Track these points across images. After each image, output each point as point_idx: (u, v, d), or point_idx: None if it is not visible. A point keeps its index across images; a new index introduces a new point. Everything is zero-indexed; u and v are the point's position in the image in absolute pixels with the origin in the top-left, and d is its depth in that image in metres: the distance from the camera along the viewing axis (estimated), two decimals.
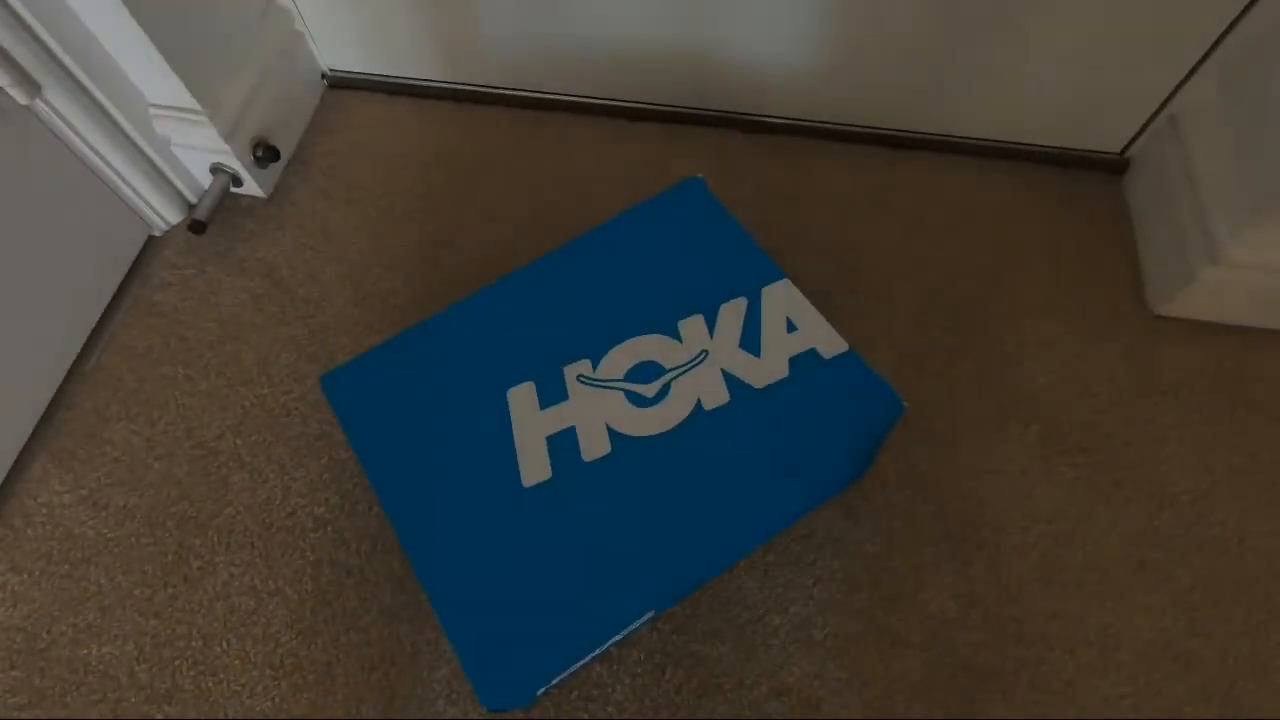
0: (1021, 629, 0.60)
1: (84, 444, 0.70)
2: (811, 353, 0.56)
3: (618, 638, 0.58)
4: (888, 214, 0.80)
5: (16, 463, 0.69)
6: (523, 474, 0.54)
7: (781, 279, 0.59)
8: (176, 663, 0.62)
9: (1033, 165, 0.82)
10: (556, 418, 0.55)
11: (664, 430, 0.54)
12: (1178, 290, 0.70)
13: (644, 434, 0.54)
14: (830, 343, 0.56)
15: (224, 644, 0.62)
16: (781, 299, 0.59)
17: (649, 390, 0.56)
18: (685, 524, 0.52)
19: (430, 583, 0.51)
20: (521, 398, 0.56)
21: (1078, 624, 0.60)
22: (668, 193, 0.64)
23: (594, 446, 0.54)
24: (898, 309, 0.74)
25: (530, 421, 0.55)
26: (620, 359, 0.57)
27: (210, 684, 0.61)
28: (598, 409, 0.55)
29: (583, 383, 0.56)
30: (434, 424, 0.56)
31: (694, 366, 0.57)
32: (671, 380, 0.56)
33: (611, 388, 0.56)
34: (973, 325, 0.73)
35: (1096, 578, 0.62)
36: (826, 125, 0.83)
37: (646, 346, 0.58)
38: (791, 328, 0.57)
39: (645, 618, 0.58)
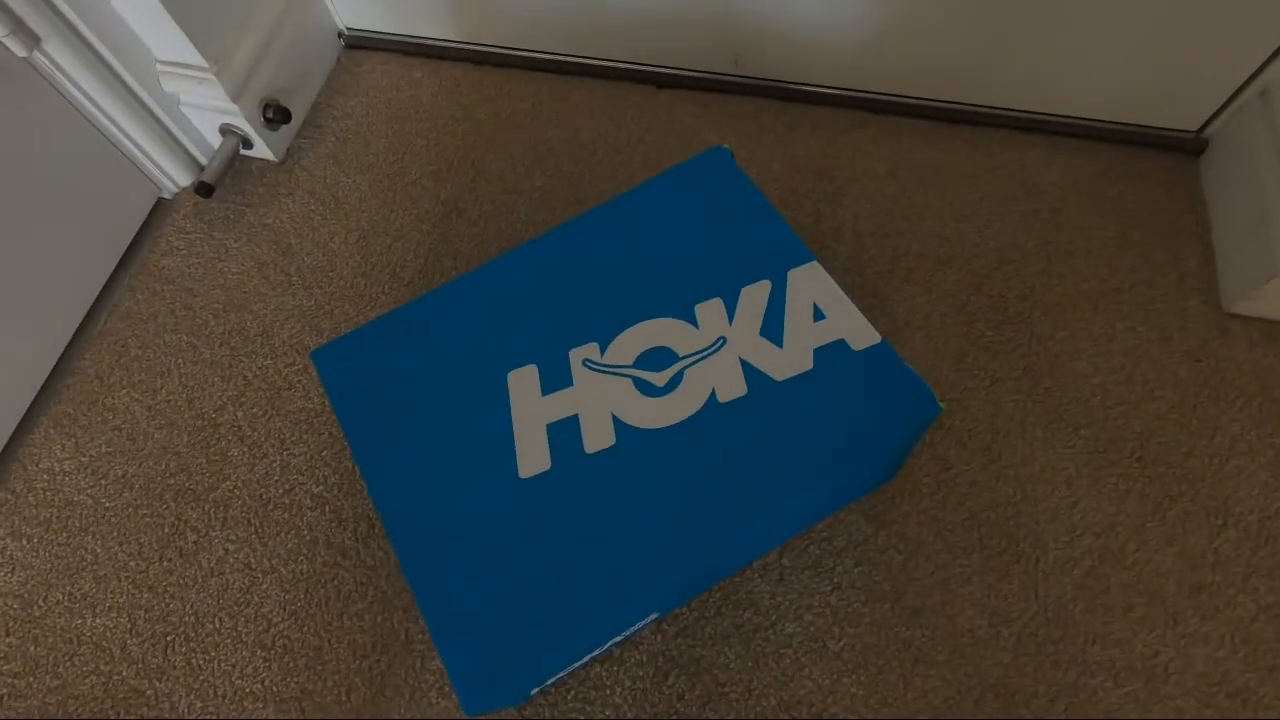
0: (1059, 652, 0.55)
1: (86, 410, 0.69)
2: (840, 344, 0.51)
3: (618, 639, 0.54)
4: (932, 194, 0.74)
5: (19, 427, 0.68)
6: (520, 464, 0.50)
7: (810, 261, 0.54)
8: (168, 638, 0.60)
9: (1096, 144, 0.75)
10: (559, 404, 0.52)
11: (674, 423, 0.50)
12: (1256, 286, 0.63)
13: (652, 426, 0.50)
14: (861, 334, 0.51)
15: (216, 621, 0.61)
16: (809, 284, 0.53)
17: (660, 379, 0.52)
18: (693, 523, 0.48)
19: (414, 573, 0.48)
20: (522, 381, 0.53)
21: (1123, 650, 0.55)
22: (690, 162, 0.59)
23: (598, 437, 0.50)
24: (938, 298, 0.69)
25: (531, 407, 0.52)
26: (630, 344, 0.53)
27: (200, 661, 0.59)
28: (604, 397, 0.52)
29: (589, 368, 0.52)
30: (428, 405, 0.53)
31: (710, 355, 0.52)
32: (685, 369, 0.52)
33: (619, 374, 0.52)
34: (1020, 317, 0.67)
35: (1146, 600, 0.57)
36: (869, 95, 0.77)
37: (659, 331, 0.53)
38: (819, 316, 0.52)
39: (647, 619, 0.54)
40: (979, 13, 0.66)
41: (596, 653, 0.54)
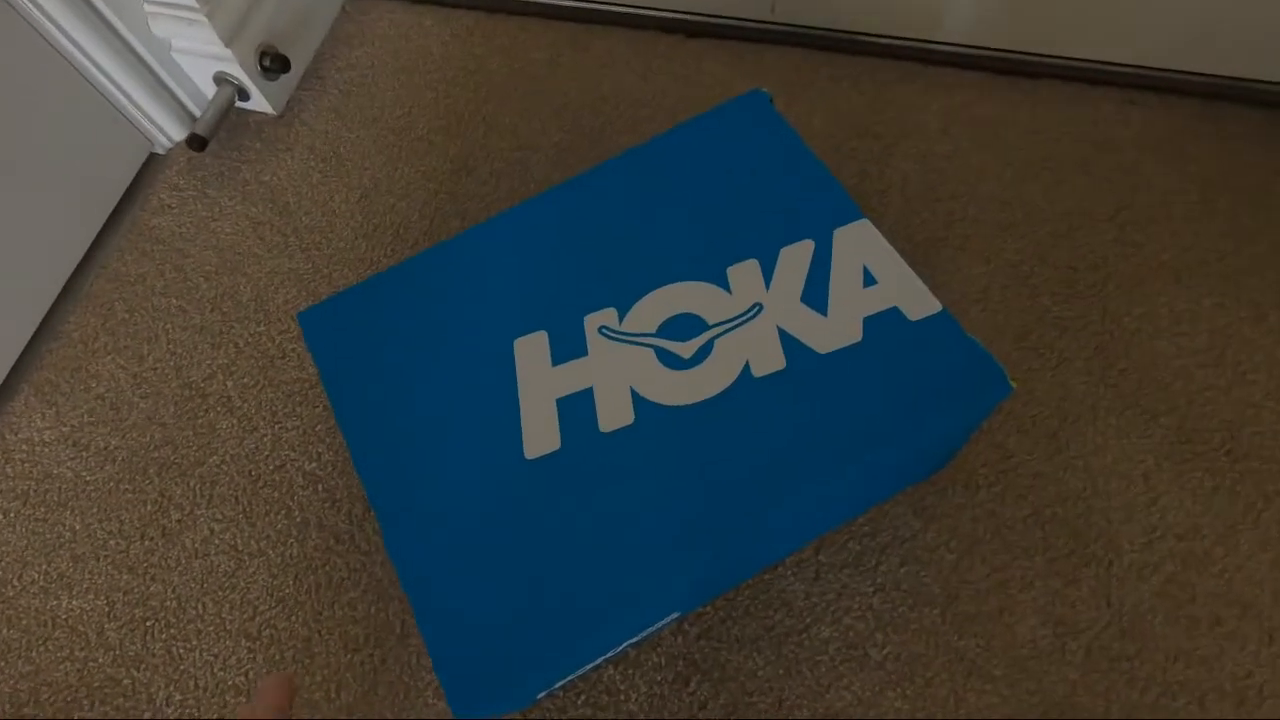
0: (1135, 670, 0.49)
1: (69, 378, 0.65)
2: (893, 312, 0.44)
3: (633, 641, 0.49)
4: (994, 154, 0.66)
5: None
6: (526, 442, 0.44)
7: (860, 219, 0.47)
8: (148, 623, 0.56)
9: (1177, 98, 0.67)
10: (571, 376, 0.46)
11: (701, 399, 0.44)
12: None
13: (676, 402, 0.44)
14: (919, 301, 0.44)
15: (199, 607, 0.56)
16: (858, 244, 0.47)
17: (686, 350, 0.45)
18: (720, 513, 0.42)
19: (402, 559, 0.43)
20: (531, 350, 0.47)
21: (1209, 669, 0.48)
22: (724, 106, 0.52)
23: (614, 414, 0.44)
24: (998, 268, 0.61)
25: (539, 379, 0.46)
26: (653, 309, 0.47)
27: (181, 650, 0.55)
28: (621, 368, 0.45)
29: (606, 336, 0.46)
30: (425, 374, 0.47)
31: (744, 323, 0.46)
32: (715, 338, 0.45)
33: (640, 344, 0.46)
34: (1091, 291, 0.60)
35: (1237, 614, 0.49)
36: (920, 44, 0.69)
37: (686, 296, 0.47)
38: (869, 281, 0.46)
39: (667, 619, 0.48)
40: None
41: (609, 655, 0.48)
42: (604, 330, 0.47)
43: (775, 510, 0.42)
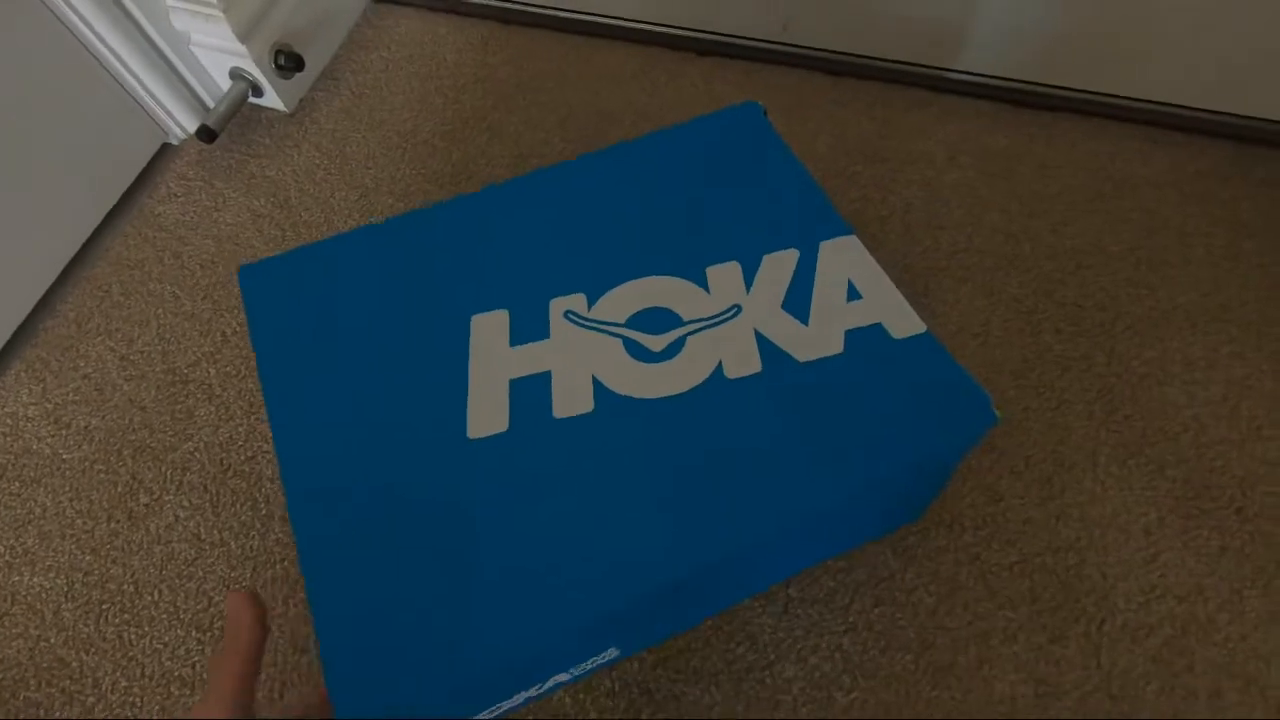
0: None
1: (59, 355, 0.65)
2: (877, 329, 0.42)
3: (562, 679, 0.44)
4: (999, 185, 0.64)
5: None
6: (471, 421, 0.40)
7: (847, 234, 0.45)
8: (104, 606, 0.55)
9: (1205, 139, 0.64)
10: (529, 358, 0.42)
11: (668, 394, 0.41)
12: None
13: (641, 395, 0.41)
14: (903, 320, 0.42)
15: (155, 594, 0.55)
16: (844, 258, 0.45)
17: (656, 343, 0.42)
18: (679, 521, 0.37)
19: (306, 537, 0.38)
20: (488, 327, 0.43)
21: None
22: (718, 113, 0.51)
23: (571, 400, 0.40)
24: (1000, 302, 0.59)
25: (494, 357, 0.42)
26: (625, 299, 0.44)
27: (133, 636, 0.54)
28: (585, 355, 0.42)
29: (571, 321, 0.44)
30: (369, 344, 0.44)
31: (720, 323, 0.43)
32: (688, 335, 0.43)
33: (608, 332, 0.43)
34: (1099, 330, 0.57)
35: (1239, 687, 0.45)
36: (932, 71, 0.68)
37: (661, 290, 0.44)
38: (854, 295, 0.43)
39: (604, 657, 0.44)
40: None
41: (528, 695, 0.43)
42: (570, 315, 0.44)
43: (740, 526, 0.37)
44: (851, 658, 0.48)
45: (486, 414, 0.41)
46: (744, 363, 0.41)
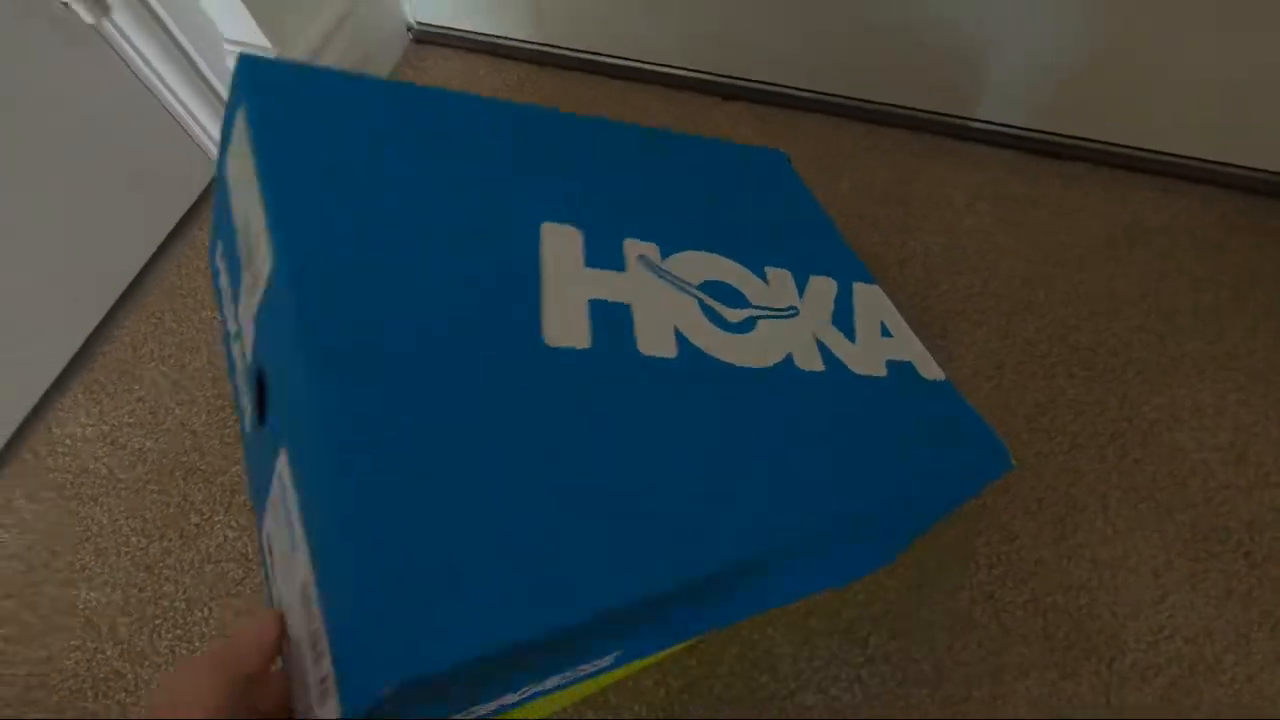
0: None
1: (115, 379, 0.69)
2: (909, 366, 0.44)
3: (556, 681, 0.34)
4: (1016, 232, 0.66)
5: (50, 389, 0.68)
6: (545, 325, 0.34)
7: (872, 283, 0.48)
8: (157, 622, 0.58)
9: (1216, 190, 0.66)
10: (607, 284, 0.38)
11: (747, 365, 0.39)
12: None
13: (723, 357, 0.39)
14: (925, 366, 0.45)
15: (205, 610, 0.58)
16: (872, 302, 0.47)
17: (732, 315, 0.42)
18: (720, 516, 0.33)
19: (317, 364, 0.28)
20: (561, 239, 0.38)
21: None
22: (745, 147, 0.53)
23: (655, 340, 0.37)
24: (1015, 345, 0.61)
25: (568, 272, 0.37)
26: (695, 265, 0.42)
27: (185, 650, 0.57)
28: (665, 303, 0.39)
29: (646, 266, 0.40)
30: (418, 213, 0.35)
31: (784, 317, 0.44)
32: (758, 318, 0.43)
33: (684, 290, 0.41)
34: (1111, 375, 0.59)
35: None
36: (954, 120, 0.71)
37: (727, 269, 0.44)
38: (886, 333, 0.46)
39: (604, 661, 0.36)
40: (1087, 37, 0.60)
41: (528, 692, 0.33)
42: (644, 260, 0.40)
43: (778, 525, 0.34)
44: (869, 689, 0.50)
45: (565, 324, 0.35)
46: (810, 360, 0.42)
